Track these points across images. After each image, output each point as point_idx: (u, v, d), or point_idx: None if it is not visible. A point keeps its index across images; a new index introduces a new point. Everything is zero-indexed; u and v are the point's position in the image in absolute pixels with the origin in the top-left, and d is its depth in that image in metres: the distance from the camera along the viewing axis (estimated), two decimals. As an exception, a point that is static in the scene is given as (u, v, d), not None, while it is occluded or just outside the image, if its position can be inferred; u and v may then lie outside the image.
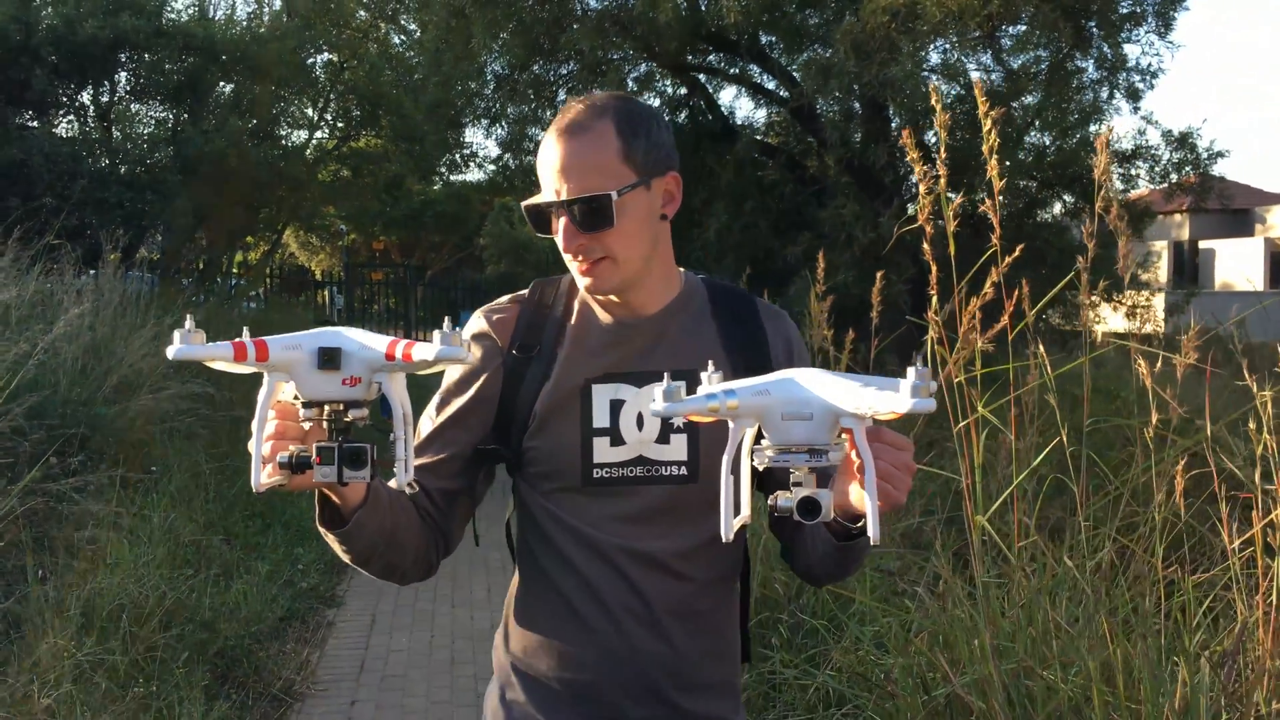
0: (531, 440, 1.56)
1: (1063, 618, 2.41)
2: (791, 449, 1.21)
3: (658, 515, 1.54)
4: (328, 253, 32.20)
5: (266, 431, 1.30)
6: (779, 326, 1.65)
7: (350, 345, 1.27)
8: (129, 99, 14.82)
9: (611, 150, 1.49)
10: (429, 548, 1.58)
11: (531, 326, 1.60)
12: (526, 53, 10.96)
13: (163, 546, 5.13)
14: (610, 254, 1.50)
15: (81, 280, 8.67)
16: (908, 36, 8.12)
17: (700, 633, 1.56)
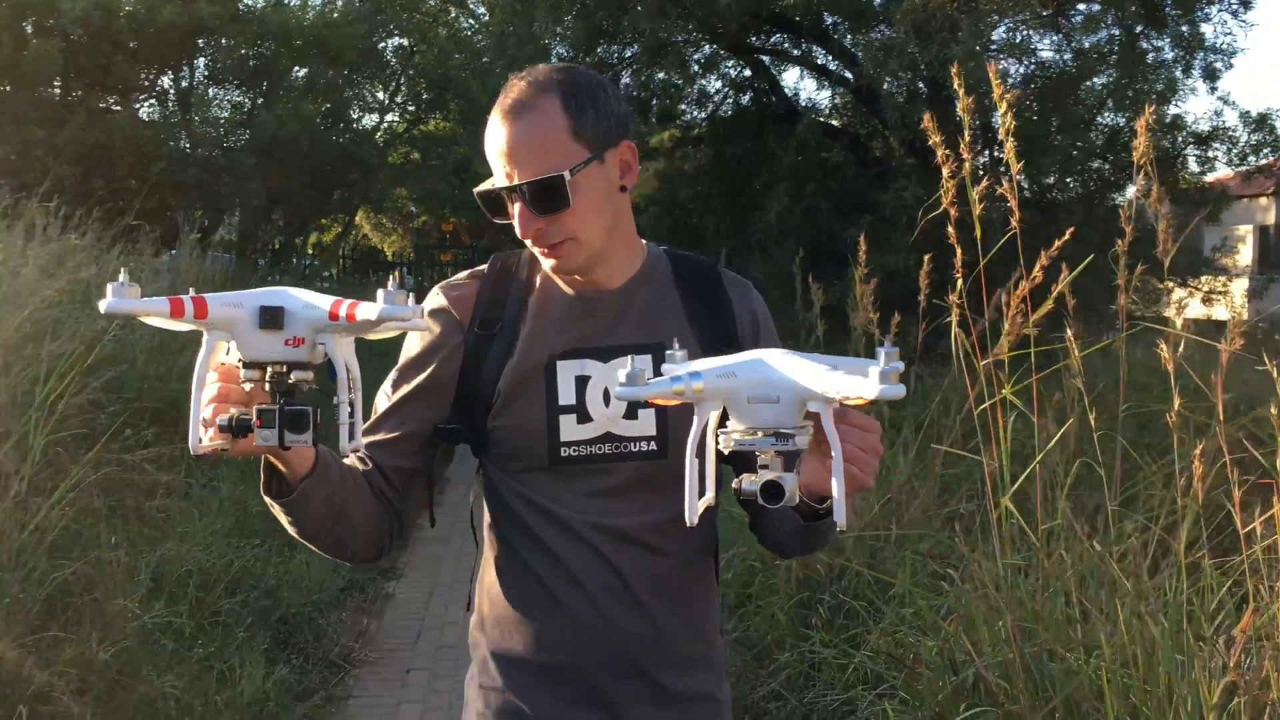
0: (496, 420, 1.51)
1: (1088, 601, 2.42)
2: (757, 432, 1.18)
3: (629, 491, 1.50)
4: (399, 234, 32.73)
5: (208, 394, 1.24)
6: (744, 296, 1.60)
7: (294, 304, 1.21)
8: (206, 83, 15.23)
9: (559, 127, 1.43)
10: (381, 528, 1.52)
11: (493, 303, 1.55)
12: (589, 36, 11.01)
13: (230, 516, 5.33)
14: (571, 235, 1.45)
15: (160, 260, 8.96)
16: (970, 15, 8.01)
17: (678, 608, 1.53)
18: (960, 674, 2.68)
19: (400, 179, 21.58)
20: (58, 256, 6.40)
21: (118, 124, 11.86)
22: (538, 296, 1.55)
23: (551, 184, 1.41)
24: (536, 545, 1.51)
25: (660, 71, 12.14)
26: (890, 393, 1.08)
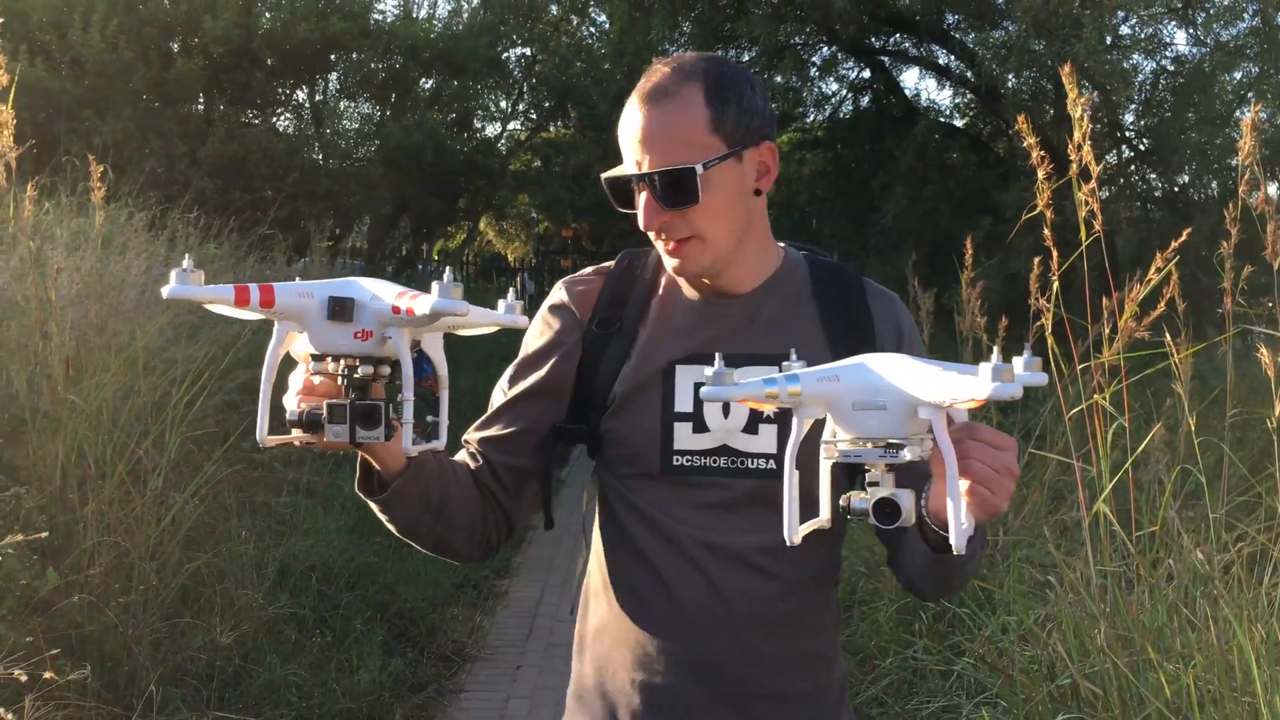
0: (609, 422, 1.45)
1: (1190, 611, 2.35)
2: (865, 443, 1.08)
3: (741, 508, 1.41)
4: (522, 240, 33.35)
5: (295, 385, 1.22)
6: (887, 308, 1.48)
7: (363, 296, 1.16)
8: (338, 96, 15.85)
9: (698, 118, 1.34)
10: (487, 527, 1.47)
11: (615, 301, 1.48)
12: (706, 40, 11.07)
13: (353, 514, 5.55)
14: (697, 233, 1.37)
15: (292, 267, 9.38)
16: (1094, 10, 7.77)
17: (782, 637, 1.42)
18: (1057, 681, 2.64)
19: (522, 185, 22.01)
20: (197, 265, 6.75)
21: (255, 137, 12.45)
22: (661, 299, 1.48)
23: (681, 176, 1.33)
24: (638, 557, 1.44)
25: (778, 75, 12.11)
26: (1004, 391, 0.98)
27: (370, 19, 15.14)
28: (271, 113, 14.85)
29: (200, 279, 1.13)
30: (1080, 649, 2.58)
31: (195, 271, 1.13)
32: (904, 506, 1.07)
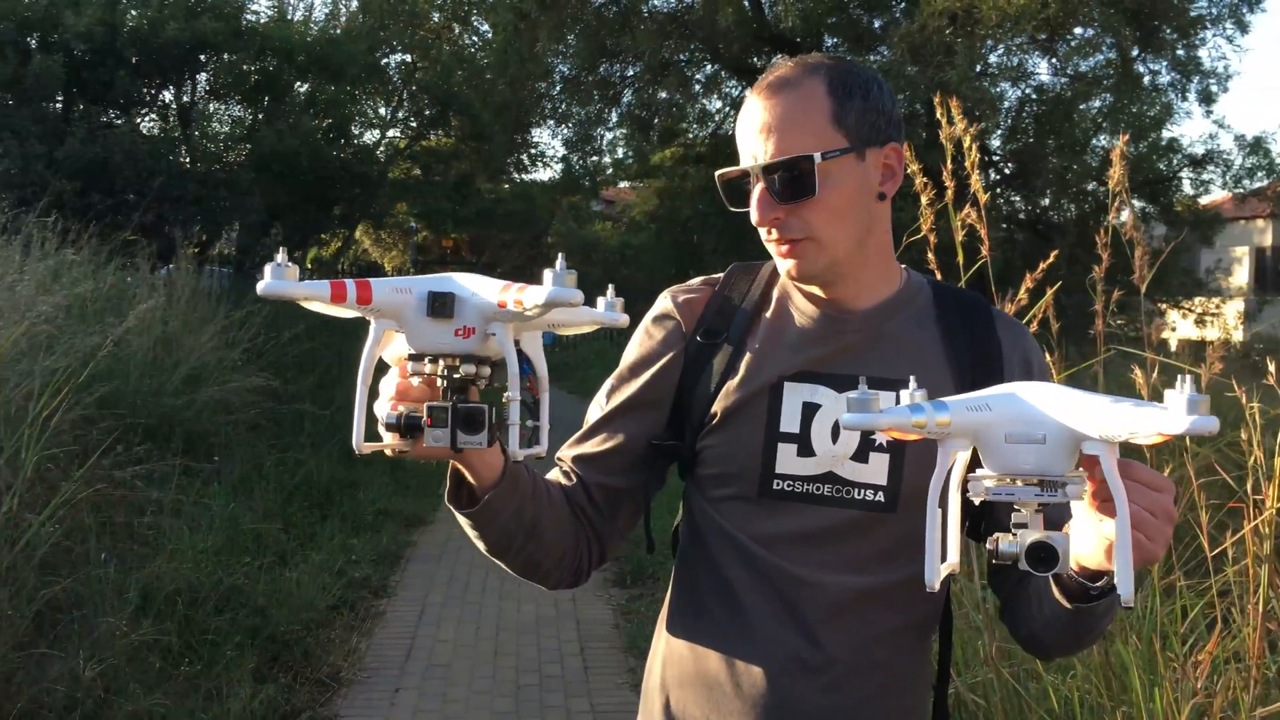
0: (708, 438, 1.35)
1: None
2: (1017, 480, 0.98)
3: (840, 542, 1.30)
4: (400, 249, 32.80)
5: (388, 391, 1.14)
6: (1017, 339, 1.38)
7: (463, 291, 1.10)
8: (207, 98, 15.30)
9: (820, 110, 1.27)
10: (579, 549, 1.38)
11: (721, 312, 1.38)
12: (592, 55, 11.11)
13: (221, 534, 5.34)
14: (811, 233, 1.28)
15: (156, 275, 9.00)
16: (965, 40, 8.07)
17: (877, 688, 1.31)
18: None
19: (401, 194, 21.64)
20: (54, 271, 6.44)
21: (117, 139, 11.92)
22: (774, 312, 1.38)
23: (799, 166, 1.25)
24: (723, 587, 1.34)
25: (662, 91, 12.22)
26: (1204, 425, 0.88)
27: (243, 19, 14.68)
28: (135, 113, 14.24)
29: (295, 274, 1.07)
30: (963, 661, 2.64)
31: (290, 266, 1.07)
32: (1061, 551, 0.99)
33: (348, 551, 6.34)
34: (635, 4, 11.18)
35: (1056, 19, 8.17)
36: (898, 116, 1.35)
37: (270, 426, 7.93)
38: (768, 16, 10.50)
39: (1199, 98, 10.58)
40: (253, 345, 8.37)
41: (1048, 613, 1.21)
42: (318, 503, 7.18)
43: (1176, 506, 1.21)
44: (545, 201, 25.61)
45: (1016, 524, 1.00)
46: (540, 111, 13.86)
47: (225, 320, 8.21)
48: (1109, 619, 1.21)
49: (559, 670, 4.93)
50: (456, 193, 23.21)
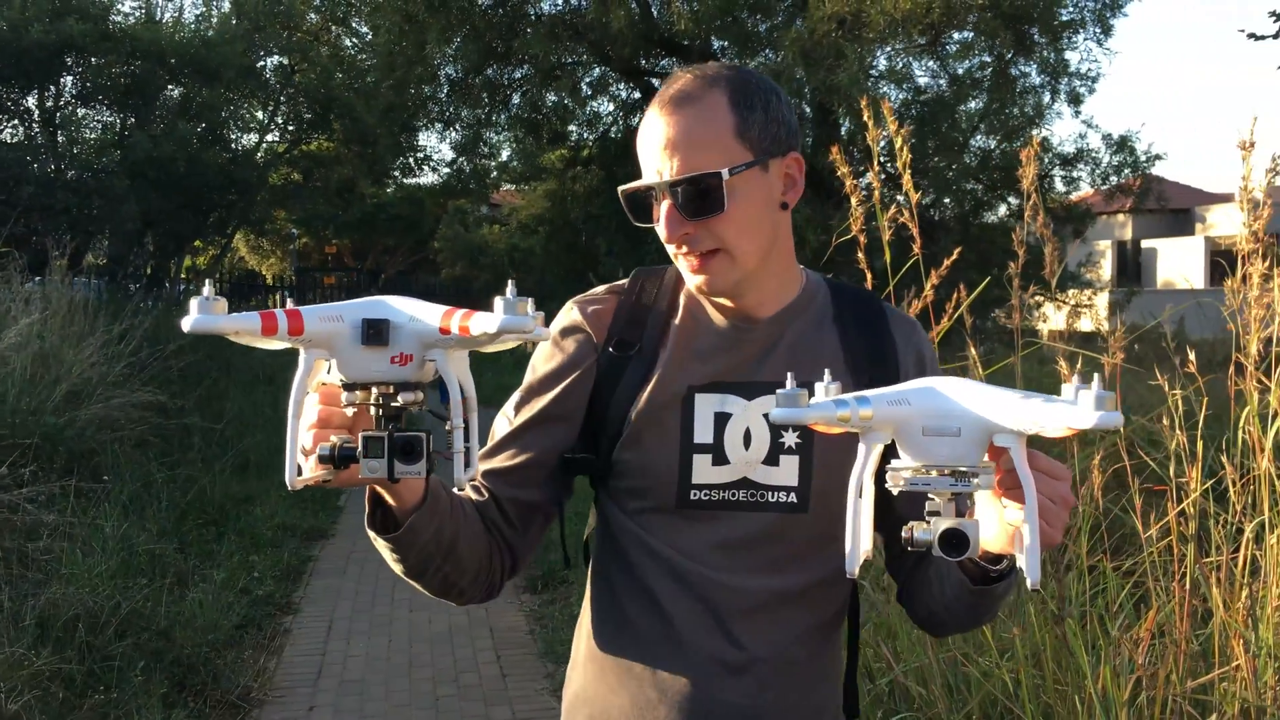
0: (623, 452, 1.36)
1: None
2: (932, 471, 1.02)
3: (759, 547, 1.34)
4: (279, 257, 31.97)
5: (308, 419, 1.10)
6: (910, 335, 1.42)
7: (399, 317, 1.08)
8: (75, 103, 14.66)
9: (724, 124, 1.28)
10: (493, 565, 1.37)
11: (632, 321, 1.39)
12: (480, 57, 11.02)
13: (116, 556, 5.13)
14: (723, 245, 1.29)
15: (27, 288, 8.59)
16: (853, 43, 8.29)
17: (796, 685, 1.35)
18: (877, 681, 2.76)
19: (281, 200, 21.09)
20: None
21: (-21, 146, 11.35)
22: (682, 320, 1.39)
23: (707, 183, 1.26)
24: (644, 597, 1.36)
25: (551, 93, 12.20)
26: (1109, 420, 0.92)
27: (110, 21, 14.11)
28: (-2, 119, 13.58)
29: (223, 308, 1.02)
30: (906, 647, 2.71)
31: (217, 300, 1.02)
32: (972, 537, 1.02)
33: (249, 569, 6.15)
34: (522, 6, 11.14)
35: (940, 23, 8.46)
36: (796, 125, 1.37)
37: (158, 443, 7.64)
38: (657, 20, 10.59)
39: (1068, 99, 11.09)
40: (135, 359, 8.06)
41: (949, 595, 1.26)
42: (213, 520, 6.95)
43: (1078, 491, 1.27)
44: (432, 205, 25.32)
45: (930, 512, 1.04)
46: (427, 114, 13.67)
47: (105, 334, 7.88)
48: (1005, 599, 1.28)
49: (476, 679, 4.88)
50: (339, 198, 22.76)
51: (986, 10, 8.52)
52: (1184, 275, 24.90)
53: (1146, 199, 12.13)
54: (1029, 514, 1.01)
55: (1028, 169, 2.64)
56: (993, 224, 12.34)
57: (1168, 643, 2.15)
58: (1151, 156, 11.39)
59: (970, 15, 8.72)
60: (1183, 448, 2.19)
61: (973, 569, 1.19)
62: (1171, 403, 2.23)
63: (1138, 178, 12.09)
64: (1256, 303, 2.18)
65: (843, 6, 8.06)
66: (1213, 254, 27.81)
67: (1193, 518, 2.16)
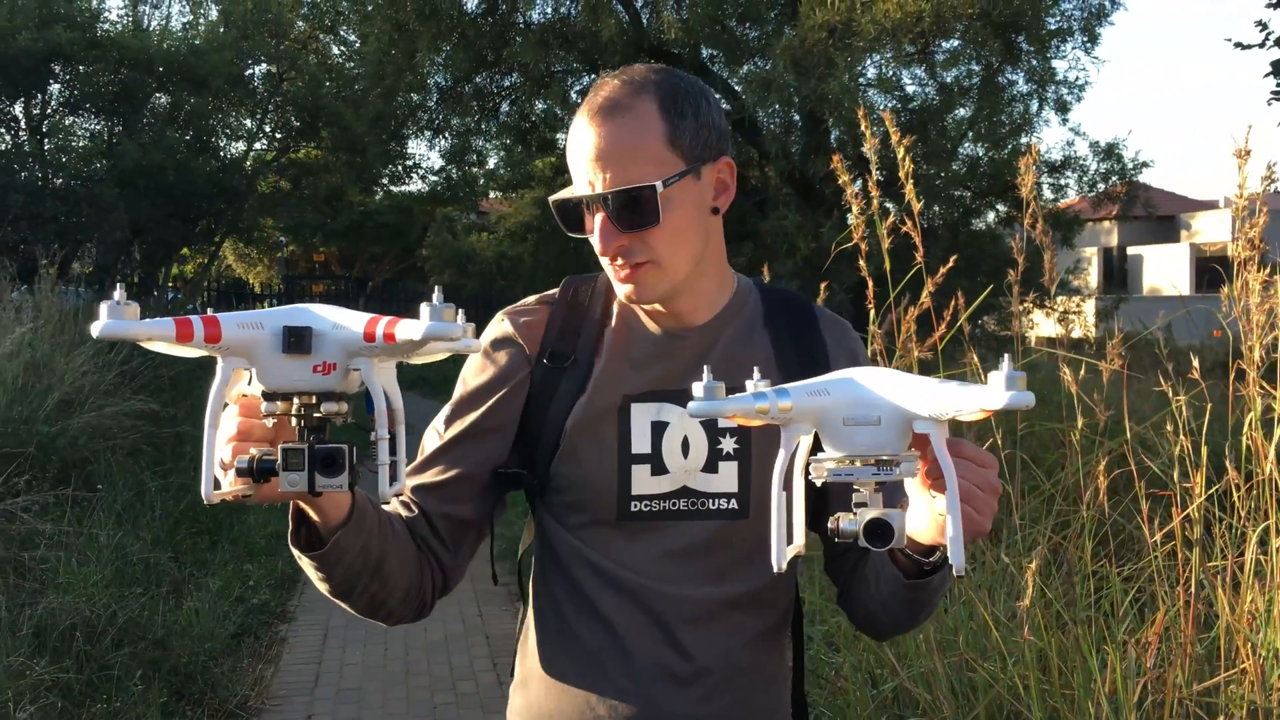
0: (560, 465, 1.34)
1: (1000, 612, 2.55)
2: (855, 461, 1.02)
3: (702, 555, 1.32)
4: (266, 265, 31.87)
5: (226, 431, 1.07)
6: (840, 337, 1.41)
7: (322, 324, 1.03)
8: (63, 111, 14.61)
9: (655, 133, 1.26)
10: (423, 583, 1.34)
11: (565, 332, 1.36)
12: (470, 65, 11.02)
13: (111, 565, 5.11)
14: (654, 256, 1.27)
15: (15, 296, 8.55)
16: (844, 52, 8.34)
17: (745, 692, 1.34)
18: (881, 687, 2.78)
19: (269, 208, 21.05)
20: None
21: (-34, 154, 11.30)
22: (616, 328, 1.37)
23: (641, 195, 1.24)
24: (588, 611, 1.34)
25: (540, 101, 12.21)
26: (1020, 400, 0.94)
27: (98, 29, 14.07)
28: (-17, 128, 13.54)
29: (135, 313, 0.98)
30: (900, 654, 2.73)
31: (129, 305, 0.97)
32: (896, 527, 1.02)
33: (243, 577, 6.13)
34: (512, 15, 11.17)
35: (930, 32, 8.51)
36: (726, 128, 1.36)
37: (150, 451, 7.61)
38: (647, 28, 10.62)
39: (1055, 107, 11.15)
40: (127, 368, 8.03)
41: (885, 591, 1.25)
42: (206, 528, 6.93)
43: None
44: (420, 213, 25.27)
45: (857, 503, 1.04)
46: (416, 122, 13.67)
47: (96, 342, 7.85)
48: (942, 594, 1.27)
49: (473, 687, 4.88)
50: (327, 205, 22.71)
51: (976, 20, 8.59)
52: (1171, 282, 25.05)
53: (1134, 206, 12.20)
54: (950, 501, 1.00)
55: (1026, 177, 2.67)
56: (980, 231, 12.40)
57: (1174, 646, 2.17)
58: (1139, 164, 11.50)
59: (959, 24, 8.78)
60: (1187, 453, 2.22)
61: (906, 562, 1.19)
62: (1175, 408, 2.26)
63: (1125, 185, 12.17)
64: (1258, 309, 2.20)
65: (833, 15, 8.11)
66: (1198, 260, 28.01)
67: (1197, 522, 2.18)
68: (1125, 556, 2.72)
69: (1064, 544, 2.61)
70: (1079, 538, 2.50)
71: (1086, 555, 2.40)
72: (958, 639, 2.60)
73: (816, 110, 8.98)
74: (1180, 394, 2.30)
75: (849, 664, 2.94)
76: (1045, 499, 2.85)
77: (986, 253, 10.68)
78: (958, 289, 3.39)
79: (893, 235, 3.05)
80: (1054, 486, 2.72)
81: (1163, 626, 2.10)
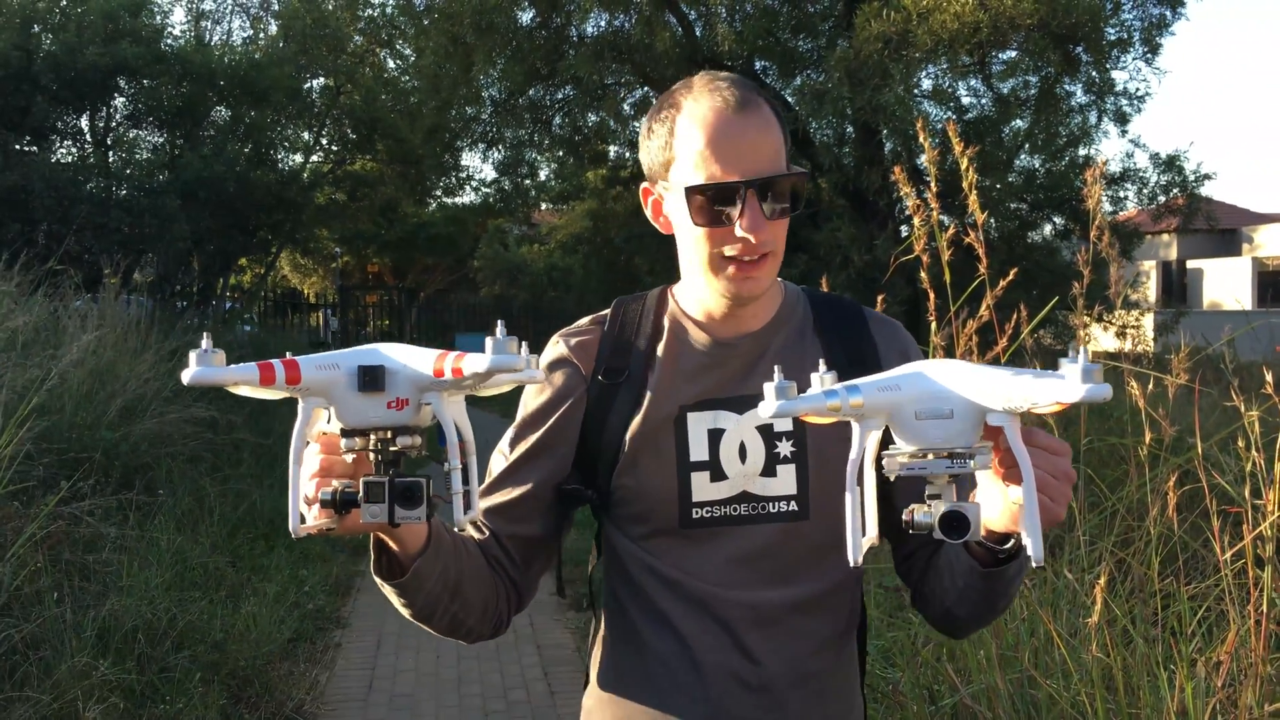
0: (621, 478, 1.36)
1: (1064, 628, 2.51)
2: (928, 454, 1.02)
3: (766, 560, 1.34)
4: (320, 275, 32.32)
5: (310, 467, 1.12)
6: (891, 338, 1.42)
7: (394, 363, 1.10)
8: (127, 124, 14.95)
9: (778, 131, 1.30)
10: (499, 601, 1.39)
11: (617, 349, 1.40)
12: (524, 78, 11.12)
13: (171, 569, 5.20)
14: (776, 248, 1.30)
15: (78, 305, 8.75)
16: (899, 63, 8.29)
17: (817, 698, 1.35)
18: (940, 703, 2.75)
19: (325, 219, 21.35)
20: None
21: (36, 166, 11.58)
22: (667, 342, 1.39)
23: (796, 182, 1.27)
24: (657, 620, 1.37)
25: (593, 113, 12.28)
26: (1098, 393, 0.92)
27: (163, 43, 14.39)
28: (53, 141, 13.85)
29: (222, 359, 1.06)
30: (960, 670, 2.70)
31: (216, 352, 1.05)
32: (972, 519, 1.02)
33: (299, 583, 6.21)
34: (566, 28, 11.25)
35: (988, 42, 8.44)
36: None
37: (210, 457, 7.74)
38: (700, 41, 10.64)
39: (1114, 118, 10.99)
40: (187, 375, 8.16)
41: (960, 584, 1.26)
42: (263, 534, 7.03)
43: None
44: (472, 224, 25.51)
45: (930, 495, 1.04)
46: (470, 135, 13.81)
47: (158, 350, 8.01)
48: (1018, 583, 1.27)
49: (524, 696, 4.89)
50: (382, 217, 22.99)
51: (1035, 30, 8.50)
52: (1234, 296, 24.53)
53: (1194, 219, 11.97)
54: (1027, 491, 1.00)
55: (1093, 189, 2.63)
56: (1037, 243, 12.24)
57: (1244, 666, 2.12)
58: (1200, 176, 11.30)
59: (1017, 35, 8.69)
60: (1260, 469, 2.17)
61: (980, 551, 1.19)
62: (1247, 423, 2.22)
63: (1185, 197, 11.95)
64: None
65: (889, 26, 8.06)
66: (1260, 274, 27.41)
67: (1269, 539, 2.14)
68: (1191, 575, 2.67)
69: (1128, 559, 2.56)
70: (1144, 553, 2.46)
71: (1153, 572, 2.36)
72: (1020, 655, 2.57)
73: (870, 122, 8.94)
74: (1254, 409, 2.25)
75: (907, 679, 2.91)
76: (1108, 515, 2.81)
77: (1044, 266, 10.54)
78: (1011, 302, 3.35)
79: (952, 247, 3.02)
80: (1118, 502, 2.67)
81: (1233, 646, 2.05)
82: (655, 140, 1.35)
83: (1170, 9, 10.53)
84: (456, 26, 10.52)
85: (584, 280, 18.41)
